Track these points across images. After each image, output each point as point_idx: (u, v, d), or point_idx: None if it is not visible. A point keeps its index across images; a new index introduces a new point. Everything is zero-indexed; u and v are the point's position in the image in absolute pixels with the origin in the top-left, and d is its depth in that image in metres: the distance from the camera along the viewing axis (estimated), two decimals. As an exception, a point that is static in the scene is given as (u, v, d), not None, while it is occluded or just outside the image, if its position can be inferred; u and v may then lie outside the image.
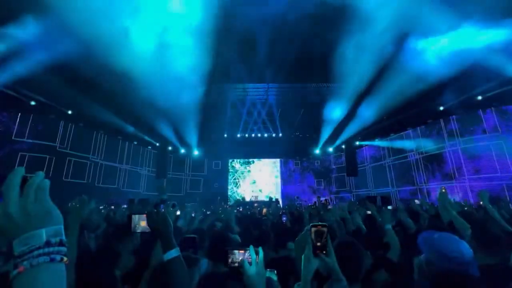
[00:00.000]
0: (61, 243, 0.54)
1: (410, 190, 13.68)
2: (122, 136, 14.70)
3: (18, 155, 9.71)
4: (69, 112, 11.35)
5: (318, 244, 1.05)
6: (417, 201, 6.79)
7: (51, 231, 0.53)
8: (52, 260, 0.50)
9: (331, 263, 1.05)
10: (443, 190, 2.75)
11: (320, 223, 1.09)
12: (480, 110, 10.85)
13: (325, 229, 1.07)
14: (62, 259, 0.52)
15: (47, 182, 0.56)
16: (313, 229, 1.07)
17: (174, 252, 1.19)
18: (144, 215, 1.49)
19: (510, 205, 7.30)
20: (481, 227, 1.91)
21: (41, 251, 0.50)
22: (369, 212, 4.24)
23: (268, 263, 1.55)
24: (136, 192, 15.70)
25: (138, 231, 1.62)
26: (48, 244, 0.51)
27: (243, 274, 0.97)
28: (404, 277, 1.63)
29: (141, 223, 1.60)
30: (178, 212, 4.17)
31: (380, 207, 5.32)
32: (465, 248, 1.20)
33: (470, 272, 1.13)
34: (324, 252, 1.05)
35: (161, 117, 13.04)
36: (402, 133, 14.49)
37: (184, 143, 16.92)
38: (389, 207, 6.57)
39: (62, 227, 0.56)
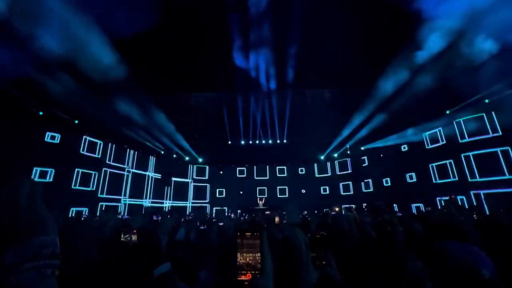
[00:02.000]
0: (53, 255, 0.47)
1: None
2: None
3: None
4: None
5: (317, 254, 1.02)
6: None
7: (41, 242, 0.47)
8: (41, 274, 0.44)
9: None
10: (452, 197, 2.65)
11: (318, 232, 1.05)
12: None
13: (324, 239, 1.04)
14: (53, 272, 0.46)
15: (40, 187, 0.52)
16: (311, 239, 1.03)
17: (164, 268, 1.15)
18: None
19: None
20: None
21: (29, 264, 0.43)
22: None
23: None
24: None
25: (131, 246, 1.63)
26: (36, 256, 0.45)
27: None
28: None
29: (133, 237, 1.61)
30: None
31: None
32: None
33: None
34: (324, 262, 1.01)
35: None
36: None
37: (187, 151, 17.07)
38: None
39: (56, 237, 0.50)
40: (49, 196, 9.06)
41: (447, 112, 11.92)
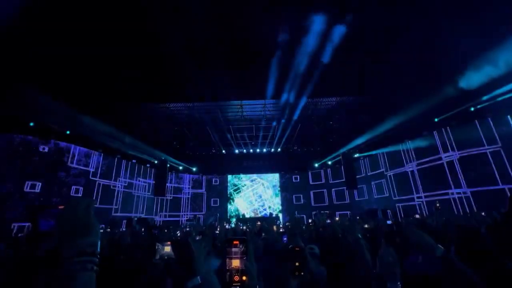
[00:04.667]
0: (93, 254, 0.63)
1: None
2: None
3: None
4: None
5: (296, 264, 1.12)
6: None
7: (87, 242, 0.63)
8: (83, 268, 0.60)
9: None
10: (437, 205, 2.81)
11: (297, 245, 1.17)
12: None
13: (302, 251, 1.15)
14: (92, 268, 0.62)
15: (93, 202, 0.71)
16: (291, 250, 1.15)
17: (197, 280, 1.21)
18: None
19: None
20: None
21: (77, 259, 0.60)
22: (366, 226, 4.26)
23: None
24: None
25: (159, 256, 1.74)
26: (82, 253, 0.61)
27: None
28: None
29: (165, 249, 1.73)
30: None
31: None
32: None
33: None
34: (302, 273, 1.11)
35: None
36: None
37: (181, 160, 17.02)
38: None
39: (98, 240, 0.67)
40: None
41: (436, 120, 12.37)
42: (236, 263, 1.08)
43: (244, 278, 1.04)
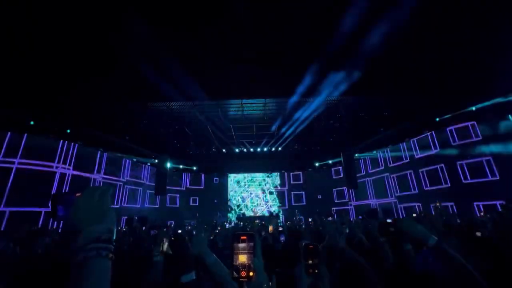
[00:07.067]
0: (109, 241, 0.63)
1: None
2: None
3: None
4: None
5: (310, 262, 1.11)
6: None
7: (102, 229, 0.63)
8: (98, 254, 0.59)
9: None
10: (438, 205, 2.81)
11: (312, 242, 1.15)
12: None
13: (317, 249, 1.13)
14: (107, 255, 0.61)
15: (110, 190, 0.70)
16: (305, 248, 1.13)
17: (190, 276, 1.21)
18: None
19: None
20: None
21: (92, 245, 0.59)
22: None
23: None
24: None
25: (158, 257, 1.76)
26: (98, 239, 0.61)
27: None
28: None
29: (164, 246, 1.75)
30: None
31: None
32: None
33: None
34: (316, 271, 1.09)
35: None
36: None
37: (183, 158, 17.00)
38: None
39: (114, 227, 0.66)
40: None
41: (437, 119, 12.35)
42: (243, 258, 1.07)
43: (251, 273, 1.03)
